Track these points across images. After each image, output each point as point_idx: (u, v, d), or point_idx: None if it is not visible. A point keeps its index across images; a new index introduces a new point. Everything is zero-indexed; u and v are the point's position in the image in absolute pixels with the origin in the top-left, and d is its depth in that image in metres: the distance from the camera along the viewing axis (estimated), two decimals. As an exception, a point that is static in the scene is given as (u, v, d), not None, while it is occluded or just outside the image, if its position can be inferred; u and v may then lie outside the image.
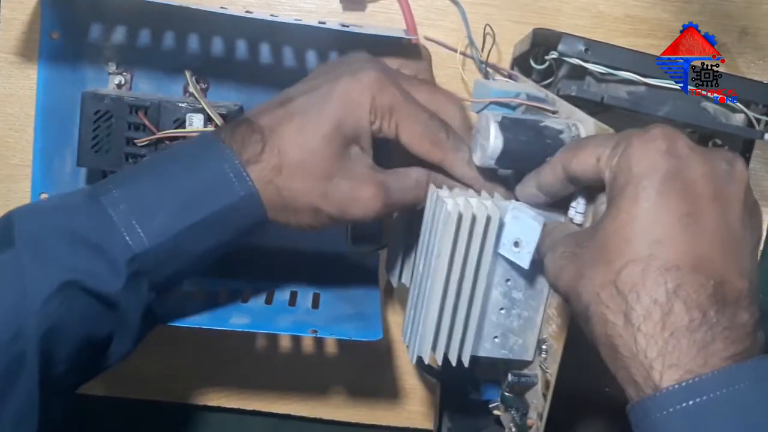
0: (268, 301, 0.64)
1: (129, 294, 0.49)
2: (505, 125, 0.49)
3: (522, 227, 0.48)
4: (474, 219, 0.48)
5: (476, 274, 0.50)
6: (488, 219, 0.48)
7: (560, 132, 0.49)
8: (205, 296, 0.63)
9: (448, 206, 0.48)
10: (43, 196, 0.67)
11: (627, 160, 0.39)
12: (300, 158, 0.50)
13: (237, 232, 0.51)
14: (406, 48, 0.62)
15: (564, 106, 0.53)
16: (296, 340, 0.74)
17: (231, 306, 0.62)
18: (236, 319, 0.59)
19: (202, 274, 0.59)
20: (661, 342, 0.36)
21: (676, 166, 0.39)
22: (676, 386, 0.36)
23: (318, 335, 0.58)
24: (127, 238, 0.48)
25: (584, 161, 0.43)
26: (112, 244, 0.48)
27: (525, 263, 0.48)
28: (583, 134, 0.49)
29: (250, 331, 0.59)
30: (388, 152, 0.55)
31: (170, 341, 0.72)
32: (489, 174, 0.52)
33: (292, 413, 0.76)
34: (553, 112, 0.54)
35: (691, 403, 0.35)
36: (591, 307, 0.39)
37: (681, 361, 0.36)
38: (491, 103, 0.57)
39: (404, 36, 0.61)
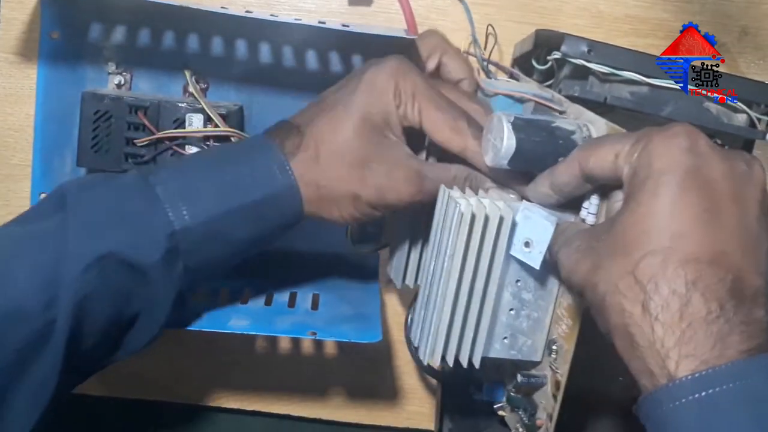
0: (268, 302, 0.64)
1: (164, 270, 0.50)
2: (518, 125, 0.48)
3: (533, 227, 0.48)
4: (487, 219, 0.48)
5: (488, 275, 0.50)
6: (501, 219, 0.48)
7: (572, 133, 0.49)
8: (204, 297, 0.63)
9: (462, 207, 0.48)
10: (43, 196, 0.67)
11: (647, 155, 0.40)
12: (335, 148, 0.51)
13: (273, 226, 0.53)
14: (407, 48, 0.62)
15: (572, 107, 0.53)
16: (296, 340, 0.74)
17: (230, 308, 0.61)
18: (236, 321, 0.59)
19: (230, 274, 0.59)
20: (679, 332, 0.37)
21: (697, 163, 0.39)
22: (690, 377, 0.36)
23: (317, 337, 0.57)
24: (170, 213, 0.50)
25: (602, 158, 0.43)
26: (155, 218, 0.50)
27: (536, 263, 0.48)
28: (594, 135, 0.48)
29: (250, 333, 0.59)
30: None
31: (170, 342, 0.72)
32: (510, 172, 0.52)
33: (292, 413, 0.76)
34: (561, 112, 0.54)
35: (704, 394, 0.36)
36: (607, 297, 0.40)
37: (697, 352, 0.36)
38: (499, 94, 0.57)
39: (405, 36, 0.60)
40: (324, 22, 0.61)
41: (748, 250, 0.38)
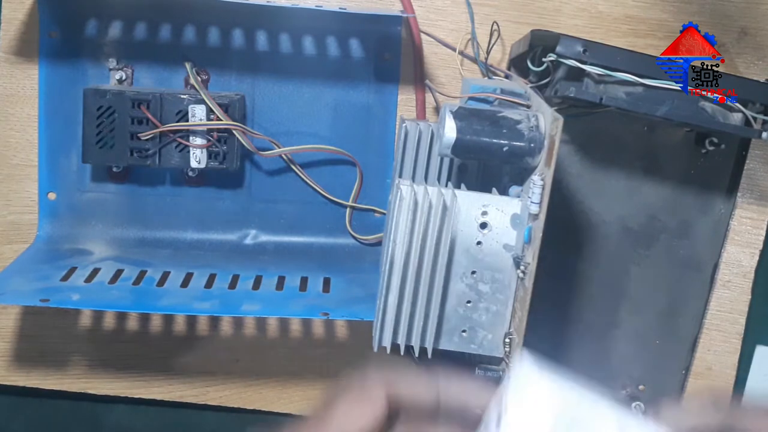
0: (279, 287, 0.64)
1: None
2: (460, 115, 0.49)
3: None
4: (430, 205, 0.49)
5: (435, 260, 0.50)
6: (444, 206, 0.49)
7: (518, 122, 0.50)
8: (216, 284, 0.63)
9: (404, 192, 0.49)
10: (51, 195, 0.67)
11: None
12: None
13: None
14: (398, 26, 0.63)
15: (535, 100, 0.54)
16: (296, 340, 0.74)
17: (243, 293, 0.62)
18: (248, 306, 0.60)
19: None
20: None
21: None
22: None
23: (330, 317, 0.58)
24: None
25: None
26: None
27: None
28: (541, 124, 0.50)
29: (262, 316, 0.58)
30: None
31: (170, 341, 0.72)
32: None
33: (292, 413, 0.76)
34: (528, 107, 0.54)
35: None
36: None
37: None
38: (469, 98, 0.57)
39: (402, 15, 0.61)
40: (321, 6, 0.62)
41: None
